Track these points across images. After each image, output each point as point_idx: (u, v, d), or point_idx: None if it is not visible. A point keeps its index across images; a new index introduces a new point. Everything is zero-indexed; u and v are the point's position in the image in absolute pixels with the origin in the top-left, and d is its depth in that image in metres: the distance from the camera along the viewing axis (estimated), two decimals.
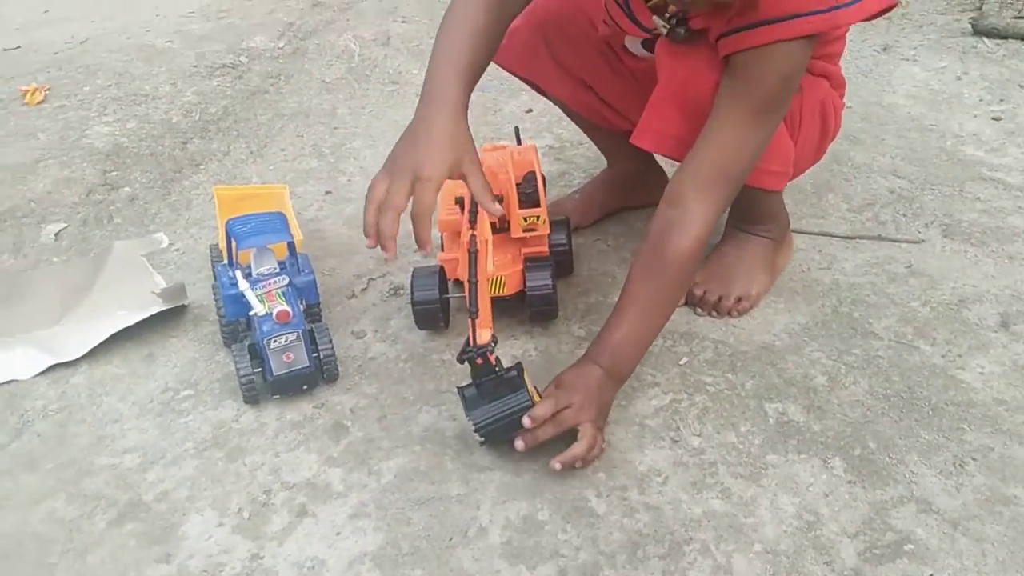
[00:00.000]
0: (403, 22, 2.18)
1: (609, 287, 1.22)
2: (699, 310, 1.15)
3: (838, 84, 1.16)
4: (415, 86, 1.91)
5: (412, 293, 1.12)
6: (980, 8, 2.11)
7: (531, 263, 1.13)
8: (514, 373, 0.92)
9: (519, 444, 0.90)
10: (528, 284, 1.11)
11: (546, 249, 1.16)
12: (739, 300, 1.14)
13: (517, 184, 1.13)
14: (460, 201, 1.12)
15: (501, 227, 1.13)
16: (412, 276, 1.13)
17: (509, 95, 1.78)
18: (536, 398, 0.93)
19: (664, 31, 1.00)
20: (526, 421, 0.89)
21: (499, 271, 1.11)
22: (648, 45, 1.12)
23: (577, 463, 0.91)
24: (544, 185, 1.16)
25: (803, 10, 0.88)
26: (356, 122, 1.77)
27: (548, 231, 1.14)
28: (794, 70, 0.94)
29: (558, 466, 0.89)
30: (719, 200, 0.96)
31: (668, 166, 1.47)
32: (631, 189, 1.35)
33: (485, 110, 1.74)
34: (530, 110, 1.75)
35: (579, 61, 1.21)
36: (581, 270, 1.26)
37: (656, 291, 0.96)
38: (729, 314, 1.14)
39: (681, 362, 1.07)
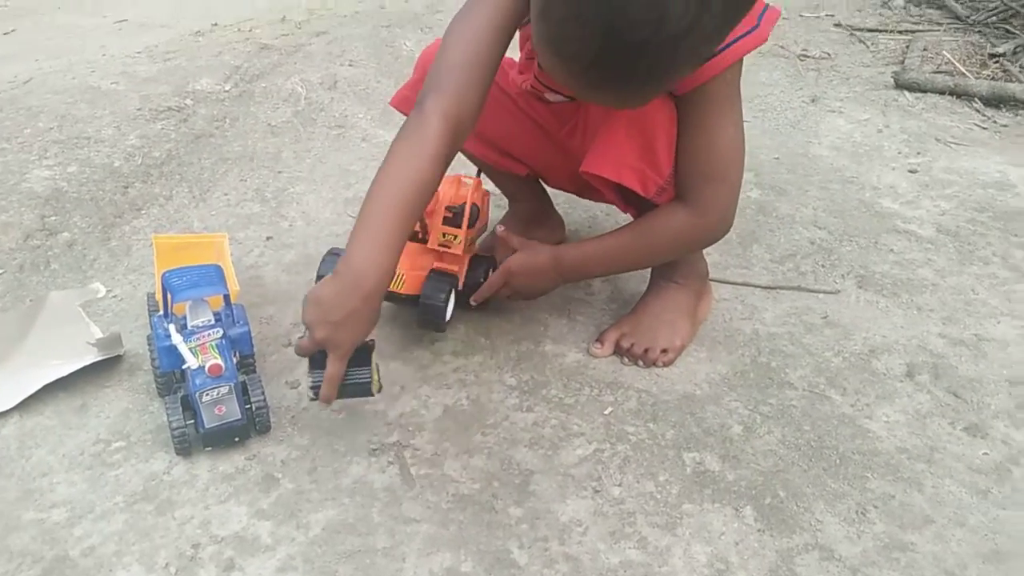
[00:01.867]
0: (350, 66, 2.22)
1: (542, 336, 1.26)
2: (626, 360, 1.20)
3: None
4: (360, 130, 1.95)
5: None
6: (902, 62, 2.23)
7: (435, 275, 1.20)
8: (365, 349, 1.00)
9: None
10: (423, 292, 1.18)
11: (456, 268, 1.22)
12: (664, 351, 1.18)
13: (449, 206, 1.20)
14: (453, 209, 1.20)
15: (422, 238, 1.22)
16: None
17: None
18: (376, 376, 1.03)
19: None
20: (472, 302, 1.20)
21: (404, 269, 1.19)
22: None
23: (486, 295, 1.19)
24: (476, 219, 1.21)
25: (736, 35, 0.95)
26: (300, 166, 1.79)
27: (462, 252, 1.21)
28: (737, 85, 1.03)
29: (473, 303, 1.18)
30: (729, 195, 1.06)
31: (567, 207, 1.53)
32: (535, 228, 1.41)
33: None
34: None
35: (482, 116, 1.23)
36: (514, 318, 1.30)
37: (640, 247, 1.12)
38: (655, 364, 1.18)
39: (606, 411, 1.11)
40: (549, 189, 1.44)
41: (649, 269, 1.27)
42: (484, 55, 0.99)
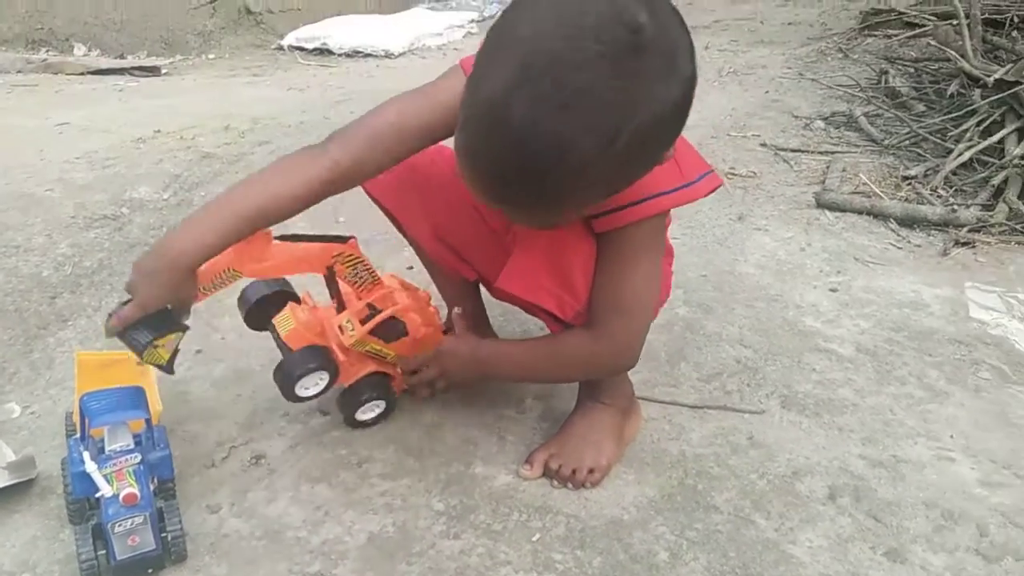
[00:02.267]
0: None
1: (472, 456, 1.25)
2: (555, 483, 1.19)
3: (668, 253, 1.29)
4: None
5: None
6: (823, 182, 2.35)
7: (314, 351, 1.21)
8: (168, 319, 1.06)
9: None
10: (292, 356, 1.21)
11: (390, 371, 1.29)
12: (591, 471, 1.19)
13: (371, 304, 1.23)
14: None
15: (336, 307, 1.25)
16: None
17: (393, 251, 1.83)
18: (166, 354, 1.09)
19: None
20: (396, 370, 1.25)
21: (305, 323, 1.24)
22: None
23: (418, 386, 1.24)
24: (391, 332, 1.24)
25: (661, 189, 1.01)
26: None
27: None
28: (659, 232, 1.09)
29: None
30: (636, 327, 1.11)
31: (503, 320, 1.55)
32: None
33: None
34: (411, 267, 1.81)
35: (442, 209, 1.26)
36: (445, 437, 1.29)
37: (553, 364, 1.18)
38: (583, 485, 1.18)
39: (534, 538, 1.10)
40: (486, 304, 1.46)
41: (576, 387, 1.28)
42: (402, 142, 1.07)
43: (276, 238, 1.14)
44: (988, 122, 2.50)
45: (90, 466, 1.00)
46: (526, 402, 1.38)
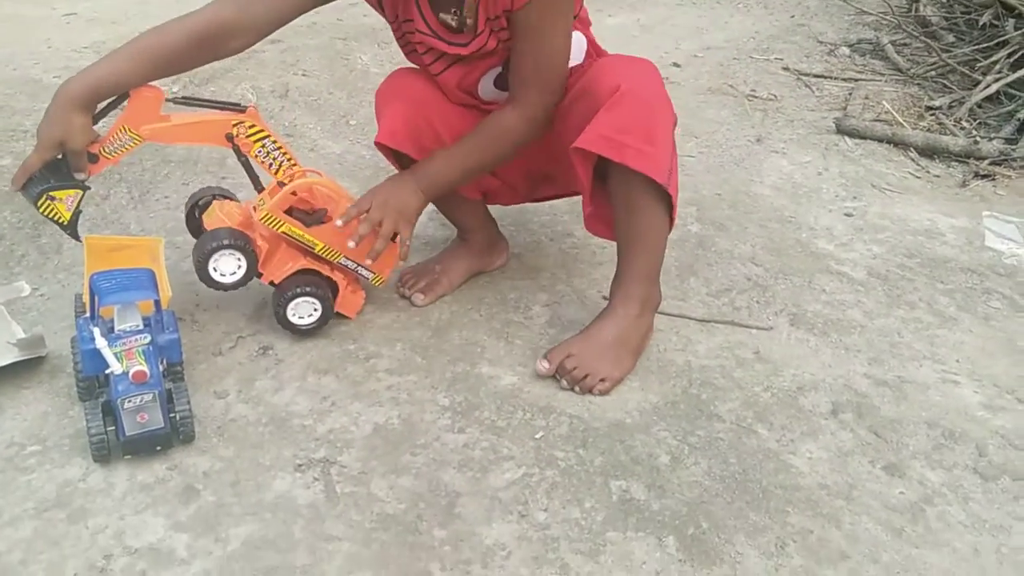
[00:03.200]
0: (303, 75, 2.20)
1: (478, 357, 1.25)
2: (564, 382, 1.19)
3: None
4: (310, 140, 1.93)
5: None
6: (844, 109, 2.30)
7: (218, 233, 1.21)
8: (65, 167, 1.11)
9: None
10: (200, 241, 1.22)
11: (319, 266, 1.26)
12: (602, 380, 1.19)
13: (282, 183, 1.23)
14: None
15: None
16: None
17: None
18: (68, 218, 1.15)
19: (453, 23, 1.18)
20: (338, 222, 1.18)
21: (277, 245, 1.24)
22: (500, 82, 1.26)
23: (372, 253, 1.21)
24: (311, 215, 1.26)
25: None
26: (244, 173, 1.77)
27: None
28: (560, 7, 1.15)
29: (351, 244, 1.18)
30: (543, 91, 1.18)
31: (512, 229, 1.54)
32: (486, 255, 1.46)
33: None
34: None
35: (453, 132, 1.27)
36: (451, 338, 1.30)
37: (479, 147, 1.22)
38: (591, 391, 1.19)
39: (537, 436, 1.11)
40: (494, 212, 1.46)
41: (608, 294, 1.26)
42: None
43: (174, 100, 1.19)
44: (1020, 54, 2.43)
45: (100, 342, 1.01)
46: (533, 309, 1.38)
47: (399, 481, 1.03)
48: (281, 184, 1.22)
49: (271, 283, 1.23)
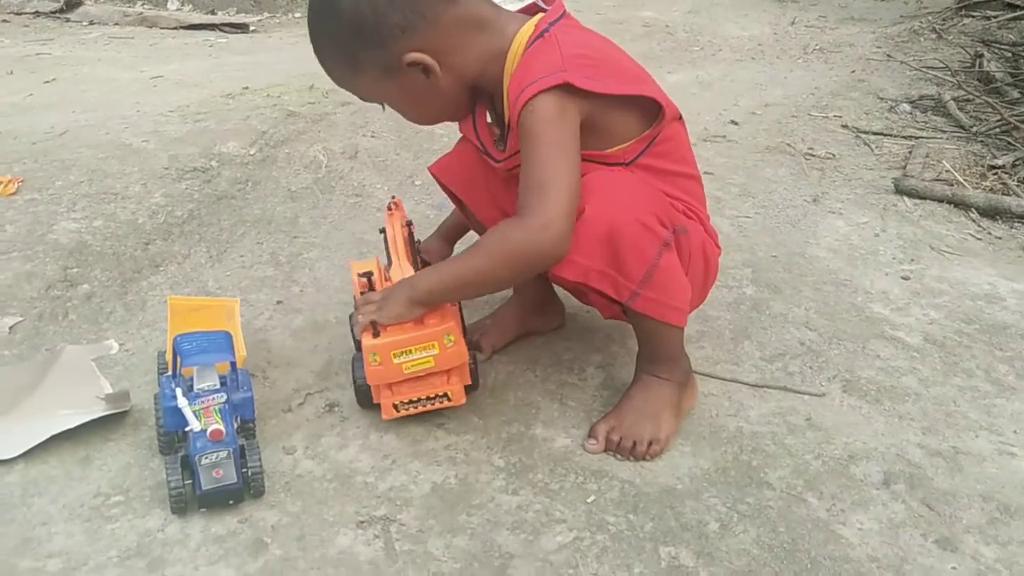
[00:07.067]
0: (372, 137, 2.31)
1: (533, 419, 1.30)
2: (617, 456, 1.23)
3: (711, 233, 1.33)
4: (377, 200, 2.02)
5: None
6: (904, 168, 2.30)
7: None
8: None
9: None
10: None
11: None
12: (651, 444, 1.22)
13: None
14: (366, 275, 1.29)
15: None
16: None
17: None
18: None
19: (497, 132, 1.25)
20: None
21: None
22: None
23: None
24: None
25: (537, 77, 1.12)
26: (316, 232, 1.87)
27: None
28: (556, 115, 1.13)
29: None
30: (541, 200, 1.12)
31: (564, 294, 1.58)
32: (538, 314, 1.50)
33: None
34: None
35: (501, 196, 1.34)
36: (508, 398, 1.34)
37: (479, 264, 1.18)
38: (644, 459, 1.22)
39: (589, 500, 1.15)
40: None
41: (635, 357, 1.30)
42: None
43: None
44: None
45: (182, 402, 1.09)
46: (587, 371, 1.42)
47: (455, 541, 1.08)
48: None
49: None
